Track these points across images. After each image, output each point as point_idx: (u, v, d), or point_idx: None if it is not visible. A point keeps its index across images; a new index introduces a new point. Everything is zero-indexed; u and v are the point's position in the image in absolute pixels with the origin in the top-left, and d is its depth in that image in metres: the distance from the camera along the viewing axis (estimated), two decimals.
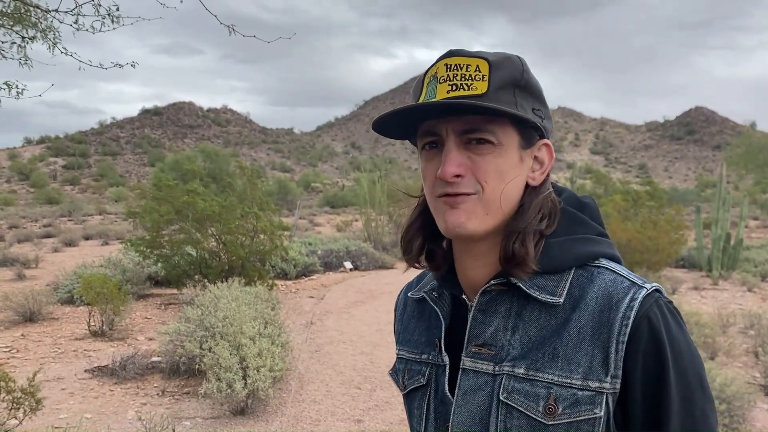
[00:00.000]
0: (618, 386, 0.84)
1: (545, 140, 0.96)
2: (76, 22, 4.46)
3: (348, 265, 14.79)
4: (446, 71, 0.91)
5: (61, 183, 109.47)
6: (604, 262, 0.92)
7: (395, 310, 1.19)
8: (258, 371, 5.03)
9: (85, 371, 6.20)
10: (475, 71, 0.89)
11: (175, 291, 10.68)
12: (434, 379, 0.98)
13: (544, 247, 0.92)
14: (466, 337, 0.94)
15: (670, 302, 0.88)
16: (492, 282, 0.92)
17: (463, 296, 0.97)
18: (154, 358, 6.29)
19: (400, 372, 1.07)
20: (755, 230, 32.66)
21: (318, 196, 77.33)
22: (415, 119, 0.92)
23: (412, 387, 1.02)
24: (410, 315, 1.11)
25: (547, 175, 0.97)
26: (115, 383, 5.87)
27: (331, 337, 7.73)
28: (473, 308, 0.94)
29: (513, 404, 0.87)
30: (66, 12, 4.38)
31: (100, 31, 4.48)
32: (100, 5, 4.37)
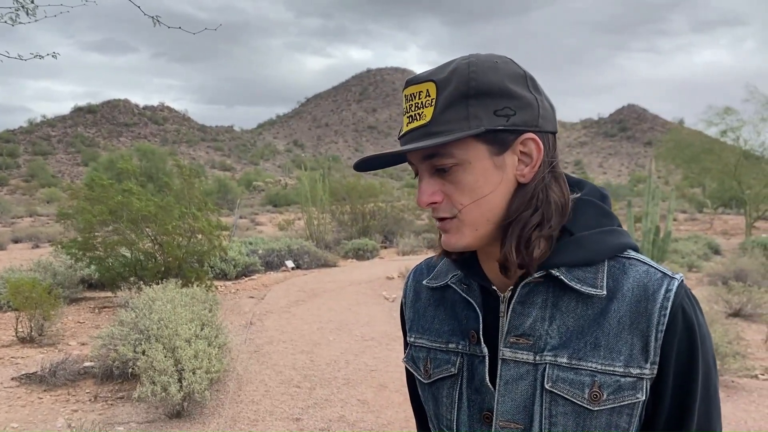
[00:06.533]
0: (656, 371, 0.90)
1: (528, 134, 0.91)
2: None
3: (290, 264, 14.67)
4: (405, 103, 0.93)
5: None
6: (633, 254, 0.96)
7: (404, 297, 1.17)
8: (194, 373, 4.95)
9: (12, 379, 5.95)
10: (426, 97, 0.90)
11: (109, 294, 10.38)
12: (466, 369, 1.00)
13: (579, 239, 0.94)
14: (504, 329, 0.95)
15: (689, 289, 0.94)
16: (535, 275, 0.94)
17: (493, 287, 0.99)
18: (87, 363, 6.10)
19: (421, 360, 1.07)
20: (683, 223, 34.16)
21: (260, 195, 76.25)
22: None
23: (440, 376, 1.03)
24: (426, 303, 1.11)
25: (539, 168, 0.93)
26: (45, 390, 5.67)
27: (271, 336, 7.67)
28: (513, 301, 0.95)
29: (558, 392, 0.91)
30: None
31: (17, 22, 4.29)
32: None
